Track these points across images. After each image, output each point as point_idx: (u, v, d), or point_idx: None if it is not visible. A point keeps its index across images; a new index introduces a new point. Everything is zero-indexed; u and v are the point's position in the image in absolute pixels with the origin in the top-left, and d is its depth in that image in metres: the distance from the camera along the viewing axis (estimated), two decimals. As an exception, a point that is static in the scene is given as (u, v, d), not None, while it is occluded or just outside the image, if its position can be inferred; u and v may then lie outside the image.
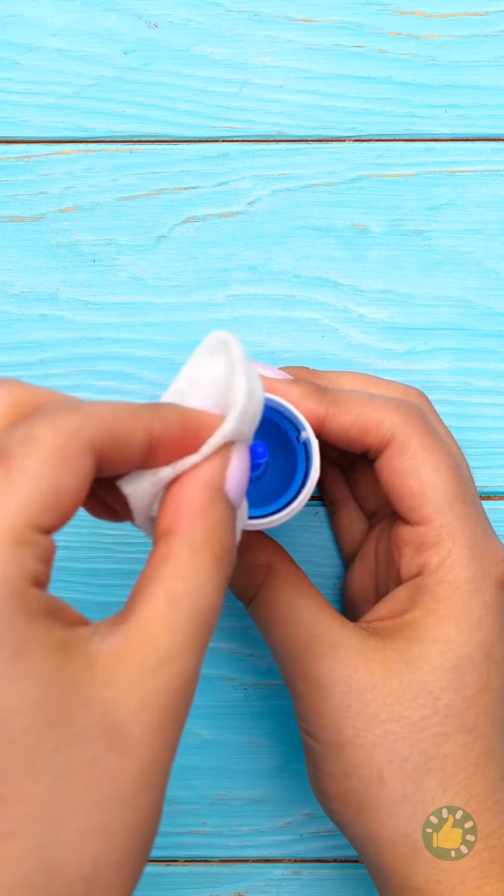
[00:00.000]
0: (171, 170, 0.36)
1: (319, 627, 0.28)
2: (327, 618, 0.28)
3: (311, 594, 0.29)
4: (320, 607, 0.29)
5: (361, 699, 0.27)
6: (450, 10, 0.36)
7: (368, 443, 0.29)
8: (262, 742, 0.35)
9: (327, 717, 0.28)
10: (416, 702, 0.27)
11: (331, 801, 0.28)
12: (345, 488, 0.35)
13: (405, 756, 0.27)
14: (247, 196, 0.36)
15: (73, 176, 0.36)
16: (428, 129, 0.36)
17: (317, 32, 0.36)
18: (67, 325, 0.36)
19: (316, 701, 0.28)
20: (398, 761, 0.27)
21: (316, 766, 0.28)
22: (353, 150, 0.36)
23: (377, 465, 0.29)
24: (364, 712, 0.27)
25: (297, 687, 0.28)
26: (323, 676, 0.28)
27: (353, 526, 0.34)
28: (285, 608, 0.29)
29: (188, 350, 0.36)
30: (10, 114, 0.36)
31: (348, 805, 0.28)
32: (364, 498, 0.34)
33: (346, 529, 0.34)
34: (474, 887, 0.26)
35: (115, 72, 0.36)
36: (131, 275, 0.36)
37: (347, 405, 0.29)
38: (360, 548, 0.34)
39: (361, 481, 0.34)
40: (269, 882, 0.35)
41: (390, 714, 0.27)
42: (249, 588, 0.30)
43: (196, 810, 0.35)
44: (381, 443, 0.29)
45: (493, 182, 0.36)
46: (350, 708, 0.27)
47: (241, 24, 0.36)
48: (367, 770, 0.27)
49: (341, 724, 0.27)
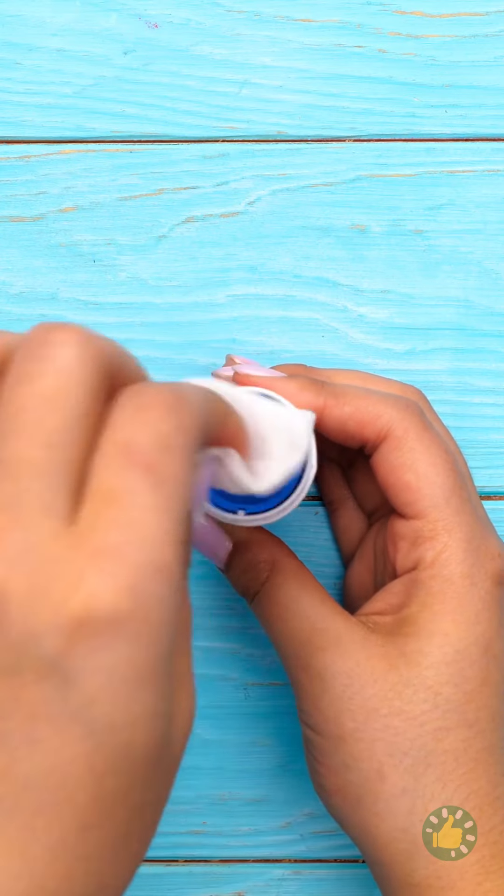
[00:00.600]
0: (171, 170, 0.36)
1: (323, 621, 0.28)
2: (331, 612, 0.28)
3: (314, 589, 0.29)
4: (324, 601, 0.29)
5: (363, 693, 0.27)
6: (450, 10, 0.36)
7: (366, 436, 0.29)
8: (262, 742, 0.35)
9: (328, 710, 0.28)
10: (416, 696, 0.27)
11: (330, 794, 0.28)
12: (344, 487, 0.35)
13: (405, 751, 0.27)
14: (247, 196, 0.36)
15: (73, 176, 0.36)
16: (428, 129, 0.36)
17: (317, 32, 0.36)
18: (67, 325, 0.36)
19: (317, 693, 0.28)
20: (398, 756, 0.27)
21: (316, 760, 0.28)
22: (353, 150, 0.36)
23: (374, 459, 0.29)
24: (365, 706, 0.27)
25: (299, 679, 0.28)
26: (325, 669, 0.28)
27: (352, 525, 0.34)
28: (288, 603, 0.29)
29: (188, 350, 0.36)
30: (10, 114, 0.36)
31: (347, 799, 0.28)
32: (363, 496, 0.34)
33: (345, 528, 0.34)
34: (475, 883, 0.26)
35: (115, 72, 0.36)
36: (131, 275, 0.36)
37: (345, 398, 0.29)
38: (359, 546, 0.34)
39: (360, 479, 0.34)
40: (269, 882, 0.35)
41: (391, 708, 0.27)
42: (253, 584, 0.30)
43: (196, 810, 0.35)
44: (378, 437, 0.29)
45: (493, 182, 0.36)
46: (351, 701, 0.27)
47: (241, 24, 0.36)
48: (366, 764, 0.27)
49: (342, 718, 0.27)
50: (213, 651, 0.35)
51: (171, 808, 0.35)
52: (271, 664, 0.35)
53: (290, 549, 0.30)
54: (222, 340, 0.36)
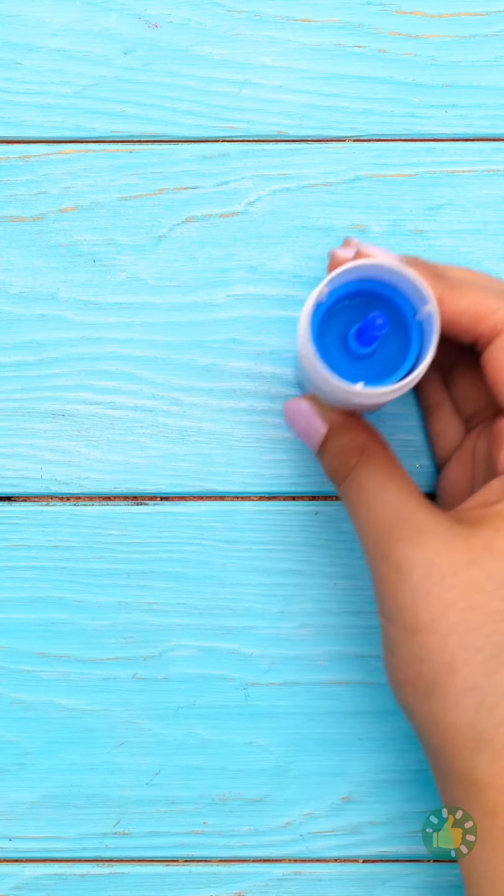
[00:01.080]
0: (171, 170, 0.36)
1: (406, 511, 0.28)
2: (415, 502, 0.28)
3: (402, 479, 0.29)
4: (410, 492, 0.29)
5: (441, 584, 0.27)
6: (450, 10, 0.36)
7: (479, 332, 0.29)
8: (262, 742, 0.35)
9: (404, 600, 0.27)
10: (497, 592, 0.27)
11: (402, 685, 0.28)
12: (442, 391, 0.34)
13: (479, 646, 0.26)
14: (247, 196, 0.36)
15: (73, 176, 0.36)
16: (428, 129, 0.36)
17: (317, 32, 0.36)
18: (67, 325, 0.36)
19: (395, 584, 0.27)
20: (472, 650, 0.26)
21: (390, 651, 0.28)
22: (353, 150, 0.36)
23: (484, 356, 0.29)
24: (442, 598, 0.27)
25: (378, 569, 0.28)
26: (405, 559, 0.27)
27: (449, 429, 0.34)
28: (375, 489, 0.29)
29: (188, 350, 0.36)
30: (10, 114, 0.36)
31: (417, 691, 0.27)
32: (463, 400, 0.33)
33: (440, 433, 0.34)
34: None
35: (115, 72, 0.36)
36: (131, 275, 0.36)
37: (461, 290, 0.28)
38: (456, 451, 0.33)
39: (461, 383, 0.33)
40: (269, 882, 0.35)
41: (469, 602, 0.27)
42: (342, 468, 0.30)
43: (196, 810, 0.35)
44: (492, 332, 0.28)
45: (493, 182, 0.36)
46: (429, 592, 0.27)
47: (241, 24, 0.36)
48: (438, 656, 0.27)
49: (418, 608, 0.27)
50: (213, 651, 0.35)
51: (171, 808, 0.35)
52: (271, 664, 0.35)
53: (382, 439, 0.30)
54: (222, 340, 0.36)
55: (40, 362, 0.36)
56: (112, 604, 0.35)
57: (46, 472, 0.35)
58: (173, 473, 0.35)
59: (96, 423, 0.36)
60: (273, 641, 0.35)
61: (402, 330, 0.29)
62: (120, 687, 0.35)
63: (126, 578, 0.35)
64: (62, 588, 0.35)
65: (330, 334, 0.30)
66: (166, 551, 0.35)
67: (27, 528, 0.35)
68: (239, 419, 0.36)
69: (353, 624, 0.35)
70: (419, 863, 0.35)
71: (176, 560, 0.35)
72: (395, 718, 0.35)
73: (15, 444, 0.35)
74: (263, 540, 0.35)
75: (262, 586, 0.35)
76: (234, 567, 0.35)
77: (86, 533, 0.35)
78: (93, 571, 0.35)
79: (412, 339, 0.29)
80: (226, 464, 0.35)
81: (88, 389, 0.36)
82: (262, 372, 0.36)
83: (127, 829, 0.35)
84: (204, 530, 0.35)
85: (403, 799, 0.35)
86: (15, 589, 0.35)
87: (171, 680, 0.35)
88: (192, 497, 0.36)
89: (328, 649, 0.35)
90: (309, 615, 0.35)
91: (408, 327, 0.29)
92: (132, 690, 0.35)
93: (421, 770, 0.35)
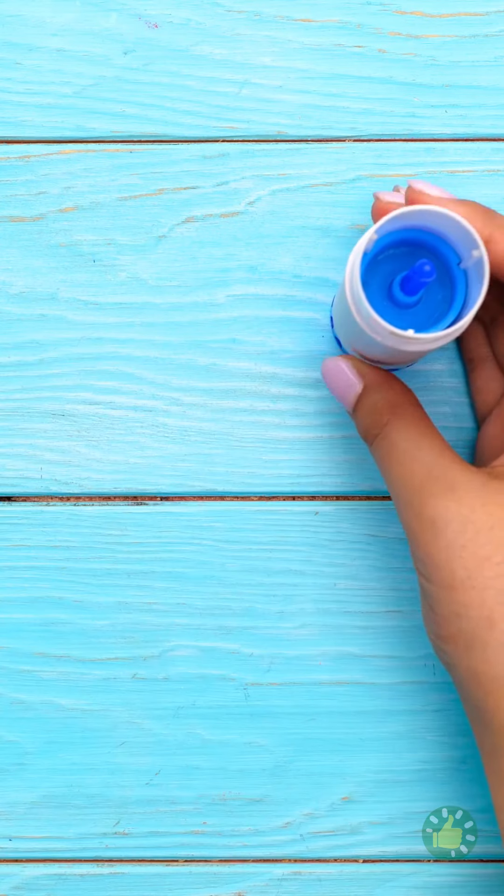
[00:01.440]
0: (171, 170, 0.36)
1: (439, 468, 0.28)
2: (448, 459, 0.28)
3: (434, 437, 0.29)
4: (443, 450, 0.29)
5: (476, 540, 0.27)
6: (450, 10, 0.36)
7: None
8: (262, 742, 0.35)
9: (439, 557, 0.27)
10: None
11: (443, 641, 0.28)
12: (485, 346, 0.34)
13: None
14: (247, 196, 0.36)
15: (73, 176, 0.36)
16: (428, 129, 0.36)
17: (317, 32, 0.36)
18: (67, 325, 0.36)
19: (429, 541, 0.27)
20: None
21: (429, 608, 0.28)
22: (353, 150, 0.36)
23: None
24: (478, 554, 0.27)
25: (412, 527, 0.28)
26: (438, 516, 0.27)
27: (490, 384, 0.34)
28: (407, 447, 0.29)
29: (188, 350, 0.36)
30: (10, 114, 0.36)
31: (458, 646, 0.28)
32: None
33: (481, 388, 0.34)
34: None
35: (115, 72, 0.36)
36: (131, 275, 0.36)
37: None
38: (496, 406, 0.33)
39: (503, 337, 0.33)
40: (269, 882, 0.35)
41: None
42: (374, 426, 0.30)
43: (196, 810, 0.35)
44: None
45: (493, 182, 0.36)
46: (464, 549, 0.27)
47: (241, 24, 0.36)
48: (476, 612, 0.27)
49: (454, 565, 0.27)
50: (213, 651, 0.35)
51: (171, 808, 0.35)
52: (271, 664, 0.35)
53: (415, 398, 0.30)
54: (222, 340, 0.36)
55: (40, 362, 0.36)
56: (112, 604, 0.35)
57: (46, 472, 0.35)
58: (173, 473, 0.35)
59: (96, 423, 0.36)
60: (273, 641, 0.35)
61: (447, 279, 0.29)
62: (120, 687, 0.35)
63: (126, 578, 0.35)
64: (62, 588, 0.35)
65: (373, 284, 0.29)
66: (166, 551, 0.35)
67: (27, 528, 0.35)
68: (239, 419, 0.36)
69: (353, 624, 0.35)
70: (419, 863, 0.35)
71: (176, 560, 0.35)
72: (395, 718, 0.35)
73: (15, 444, 0.36)
74: (263, 540, 0.35)
75: (261, 586, 0.35)
76: (233, 567, 0.35)
77: (86, 533, 0.35)
78: (93, 571, 0.35)
79: (457, 288, 0.28)
80: (226, 464, 0.35)
81: (88, 389, 0.36)
82: (262, 372, 0.36)
83: (127, 829, 0.35)
84: (204, 530, 0.35)
85: (403, 799, 0.35)
86: (15, 589, 0.35)
87: (171, 680, 0.35)
88: (192, 497, 0.36)
89: (328, 649, 0.35)
90: (309, 615, 0.35)
91: (452, 276, 0.29)
92: (132, 690, 0.35)
93: (421, 770, 0.35)
